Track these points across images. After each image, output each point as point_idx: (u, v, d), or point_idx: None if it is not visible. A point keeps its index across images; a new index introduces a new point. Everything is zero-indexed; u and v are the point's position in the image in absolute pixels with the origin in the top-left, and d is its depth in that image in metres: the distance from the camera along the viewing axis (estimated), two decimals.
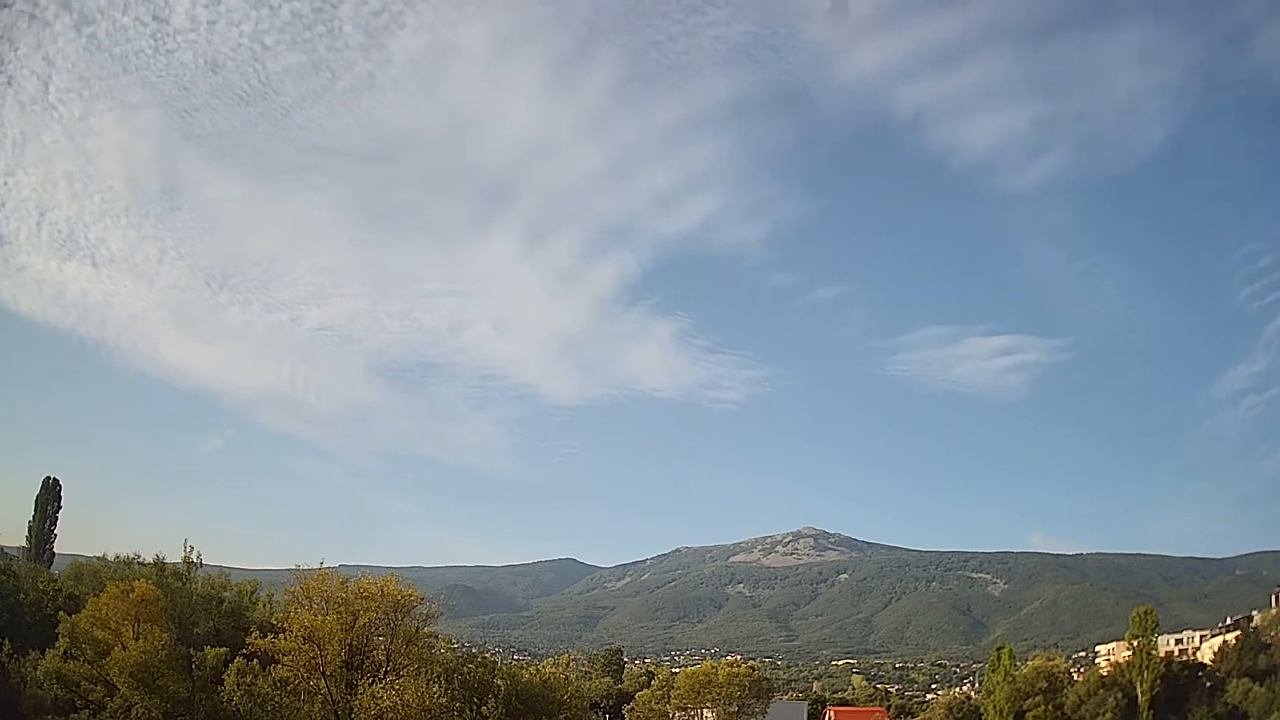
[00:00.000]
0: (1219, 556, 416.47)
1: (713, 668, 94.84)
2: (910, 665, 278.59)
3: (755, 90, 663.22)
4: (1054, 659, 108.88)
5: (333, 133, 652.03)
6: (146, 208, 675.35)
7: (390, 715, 38.45)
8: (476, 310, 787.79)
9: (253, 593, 58.05)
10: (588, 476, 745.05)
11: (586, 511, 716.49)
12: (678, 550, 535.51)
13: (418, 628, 44.96)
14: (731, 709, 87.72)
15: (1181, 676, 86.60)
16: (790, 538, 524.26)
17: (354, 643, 41.55)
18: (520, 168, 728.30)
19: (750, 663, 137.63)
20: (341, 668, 40.72)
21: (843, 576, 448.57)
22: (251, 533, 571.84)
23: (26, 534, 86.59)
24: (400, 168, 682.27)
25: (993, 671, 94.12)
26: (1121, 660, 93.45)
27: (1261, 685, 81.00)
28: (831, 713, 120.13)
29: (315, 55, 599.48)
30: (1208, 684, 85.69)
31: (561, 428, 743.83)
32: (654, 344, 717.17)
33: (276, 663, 40.36)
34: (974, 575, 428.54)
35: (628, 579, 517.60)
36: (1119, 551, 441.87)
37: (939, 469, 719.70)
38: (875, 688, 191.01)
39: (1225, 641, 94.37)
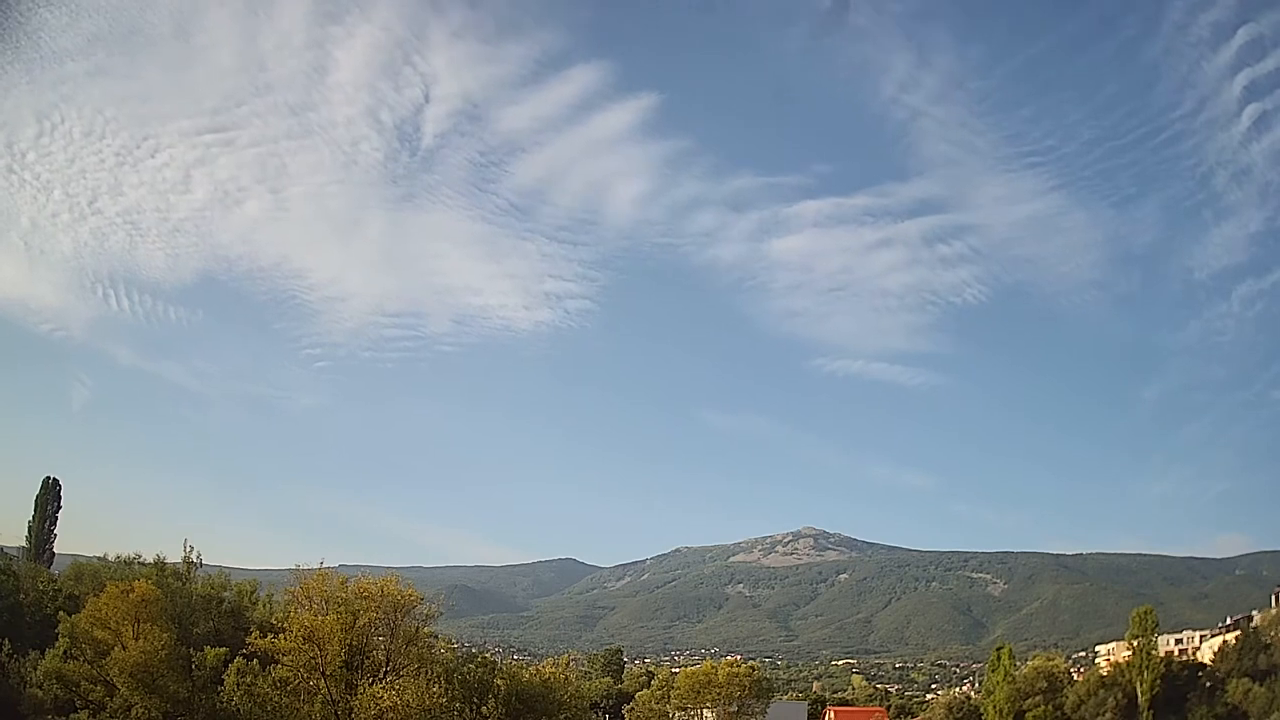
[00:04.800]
0: (1219, 556, 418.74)
1: (713, 668, 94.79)
2: (910, 665, 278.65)
3: None
4: (1054, 659, 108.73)
5: None
6: None
7: (390, 715, 38.42)
8: (243, 170, 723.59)
9: (252, 593, 58.05)
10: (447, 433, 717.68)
11: (586, 511, 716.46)
12: (678, 550, 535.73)
13: (418, 628, 44.93)
14: (731, 709, 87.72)
15: (1181, 676, 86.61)
16: (790, 538, 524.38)
17: (354, 643, 41.49)
18: None
19: (750, 663, 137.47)
20: (341, 668, 40.65)
21: (843, 576, 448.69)
22: (174, 515, 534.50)
23: (26, 534, 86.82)
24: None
25: (993, 671, 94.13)
26: (1121, 660, 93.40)
27: (1261, 685, 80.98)
28: (831, 713, 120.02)
29: None
30: (1208, 684, 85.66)
31: (396, 352, 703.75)
32: (456, 202, 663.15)
33: (276, 663, 40.30)
34: (974, 575, 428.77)
35: (628, 579, 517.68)
36: (1119, 551, 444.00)
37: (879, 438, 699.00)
38: (875, 688, 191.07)
39: (1225, 641, 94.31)
